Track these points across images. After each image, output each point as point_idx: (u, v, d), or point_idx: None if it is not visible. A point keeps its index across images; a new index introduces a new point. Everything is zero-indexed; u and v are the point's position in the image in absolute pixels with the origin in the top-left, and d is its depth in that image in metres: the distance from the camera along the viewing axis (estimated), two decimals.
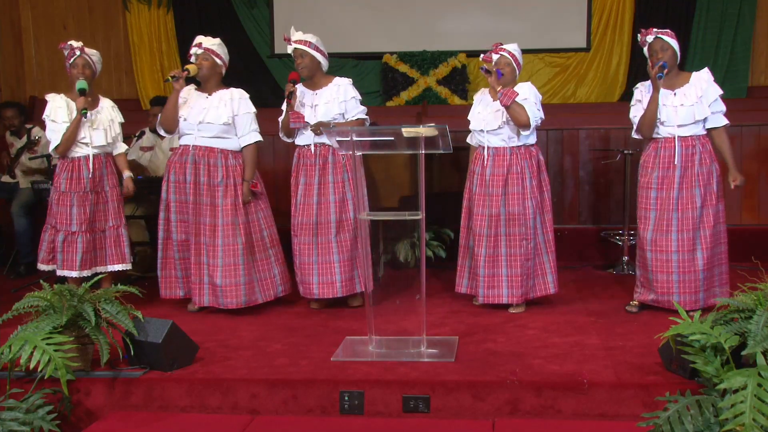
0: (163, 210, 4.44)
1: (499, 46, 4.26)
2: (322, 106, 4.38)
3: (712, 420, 2.70)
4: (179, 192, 4.38)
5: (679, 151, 4.09)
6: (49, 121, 4.37)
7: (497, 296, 4.31)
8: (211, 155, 4.35)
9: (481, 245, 4.30)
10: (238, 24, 7.77)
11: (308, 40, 4.39)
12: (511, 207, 4.26)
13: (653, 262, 4.14)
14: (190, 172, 4.34)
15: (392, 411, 3.18)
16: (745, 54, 7.15)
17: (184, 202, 4.39)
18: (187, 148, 4.37)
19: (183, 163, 4.36)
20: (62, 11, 7.99)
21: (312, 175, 4.40)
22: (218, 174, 4.34)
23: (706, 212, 4.08)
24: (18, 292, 5.02)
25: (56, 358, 3.10)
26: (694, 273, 4.07)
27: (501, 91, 4.15)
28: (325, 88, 4.43)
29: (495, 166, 4.28)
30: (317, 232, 4.39)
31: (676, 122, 4.08)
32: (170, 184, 4.39)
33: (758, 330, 2.77)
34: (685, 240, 4.07)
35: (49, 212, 4.46)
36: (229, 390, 3.28)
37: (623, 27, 7.35)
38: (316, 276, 4.39)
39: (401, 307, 4.48)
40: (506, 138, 4.27)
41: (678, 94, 4.10)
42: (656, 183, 4.14)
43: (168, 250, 4.46)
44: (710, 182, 4.10)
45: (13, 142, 6.04)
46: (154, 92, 7.44)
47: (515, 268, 4.27)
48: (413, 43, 7.59)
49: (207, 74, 4.39)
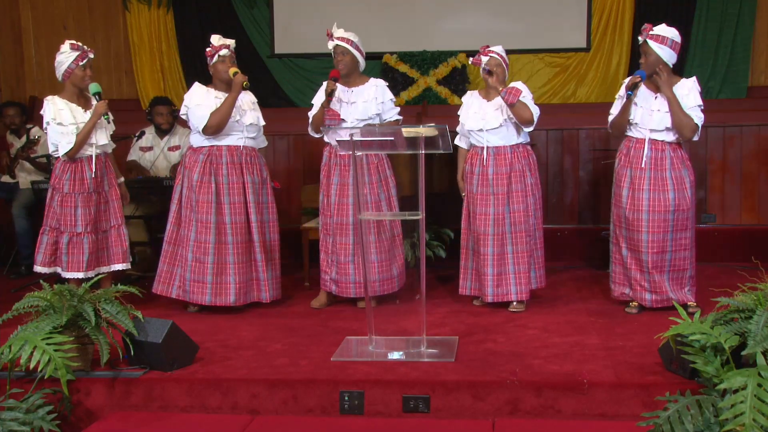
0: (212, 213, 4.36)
1: (488, 49, 4.29)
2: (360, 104, 4.41)
3: (712, 420, 2.70)
4: (233, 193, 4.39)
5: (647, 154, 4.11)
6: (54, 124, 4.27)
7: (506, 294, 4.33)
8: (254, 155, 4.51)
9: (488, 245, 4.30)
10: (238, 24, 7.75)
11: (350, 39, 4.42)
12: (516, 205, 4.29)
13: (628, 260, 4.19)
14: (238, 173, 4.41)
15: (392, 411, 3.18)
16: (745, 54, 7.14)
17: (237, 203, 4.40)
18: (237, 148, 4.41)
19: (239, 163, 4.41)
20: (62, 11, 7.98)
21: (346, 174, 4.41)
22: (263, 172, 4.53)
23: (678, 216, 4.10)
24: (18, 292, 5.02)
25: (56, 358, 3.10)
26: (660, 274, 4.12)
27: (505, 90, 4.16)
28: (363, 87, 4.46)
29: (497, 165, 4.29)
30: (355, 232, 4.39)
31: (649, 126, 4.11)
32: (222, 186, 4.37)
33: (758, 330, 2.77)
34: (656, 241, 4.10)
35: (48, 214, 4.41)
36: (229, 390, 3.28)
37: (623, 27, 7.34)
38: (353, 275, 4.41)
39: (401, 307, 4.49)
40: (505, 137, 4.28)
41: (659, 98, 4.10)
42: (628, 182, 4.18)
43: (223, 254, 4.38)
44: (683, 187, 4.11)
45: (13, 142, 6.04)
46: (154, 92, 7.43)
47: (522, 265, 4.30)
48: (413, 43, 7.59)
49: None
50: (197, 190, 4.37)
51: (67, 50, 4.35)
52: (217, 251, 4.37)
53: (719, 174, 5.93)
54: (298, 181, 6.24)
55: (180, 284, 4.47)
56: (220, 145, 4.40)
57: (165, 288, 4.50)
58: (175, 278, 4.49)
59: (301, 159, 6.31)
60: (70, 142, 4.27)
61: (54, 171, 4.41)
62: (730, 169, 5.93)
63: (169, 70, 7.82)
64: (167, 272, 4.50)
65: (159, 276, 4.52)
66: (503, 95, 4.17)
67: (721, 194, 5.91)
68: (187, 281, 4.42)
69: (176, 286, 4.48)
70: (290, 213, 6.05)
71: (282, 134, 6.22)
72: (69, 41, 4.39)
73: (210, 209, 4.36)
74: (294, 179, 6.27)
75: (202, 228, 4.37)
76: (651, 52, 4.05)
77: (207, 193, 4.36)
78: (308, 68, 7.66)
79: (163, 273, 4.51)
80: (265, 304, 4.51)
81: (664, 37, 4.05)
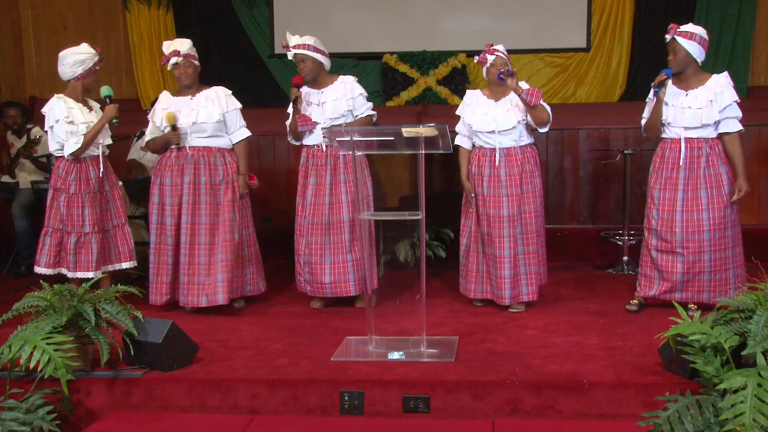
0: (156, 213, 4.43)
1: (493, 48, 4.28)
2: (330, 103, 4.38)
3: (712, 420, 2.70)
4: (174, 194, 4.38)
5: (684, 153, 4.07)
6: (66, 122, 4.25)
7: (519, 296, 4.32)
8: (210, 155, 4.39)
9: (503, 246, 4.25)
10: (238, 24, 7.76)
11: (307, 43, 4.37)
12: (527, 206, 4.29)
13: (659, 261, 4.15)
14: (189, 173, 4.35)
15: (392, 411, 3.18)
16: (745, 54, 7.15)
17: (177, 204, 4.38)
18: (183, 149, 4.38)
19: (180, 164, 4.37)
20: (62, 11, 7.98)
21: (323, 174, 4.41)
22: (219, 173, 4.39)
23: (713, 215, 4.05)
24: (18, 292, 5.02)
25: (56, 358, 3.10)
26: (699, 274, 4.08)
27: (525, 92, 4.15)
28: (331, 86, 4.43)
29: (509, 167, 4.27)
30: (329, 232, 4.38)
31: (683, 124, 4.06)
32: (165, 187, 4.39)
33: (758, 330, 2.77)
34: (690, 241, 4.06)
35: (50, 215, 4.41)
36: (229, 390, 3.28)
37: (623, 27, 7.35)
38: (328, 275, 4.39)
39: (401, 307, 4.49)
40: (518, 137, 4.28)
41: (690, 95, 4.06)
42: (660, 183, 4.15)
43: (161, 254, 4.45)
44: (719, 185, 4.06)
45: (13, 142, 6.04)
46: (154, 92, 7.44)
47: (533, 266, 4.31)
48: (413, 43, 7.59)
49: (192, 79, 4.47)
50: (151, 192, 4.47)
51: (88, 51, 4.34)
52: (156, 251, 4.45)
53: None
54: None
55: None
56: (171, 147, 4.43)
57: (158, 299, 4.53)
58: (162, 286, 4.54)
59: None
60: (78, 142, 4.27)
61: (56, 171, 4.39)
62: None
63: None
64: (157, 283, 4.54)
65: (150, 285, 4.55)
66: (525, 97, 4.14)
67: None
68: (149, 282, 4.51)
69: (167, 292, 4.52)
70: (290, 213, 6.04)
71: (282, 134, 6.21)
72: (85, 44, 4.36)
73: (153, 210, 4.45)
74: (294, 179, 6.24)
75: (153, 229, 4.47)
76: (680, 48, 4.02)
77: (153, 194, 4.44)
78: None
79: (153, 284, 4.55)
80: (265, 304, 4.52)
81: (693, 33, 4.01)
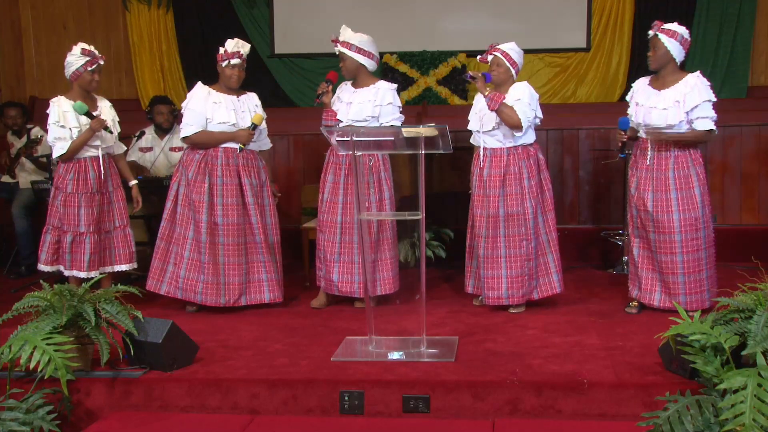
0: (204, 213, 4.36)
1: (494, 47, 4.26)
2: (356, 105, 4.37)
3: (712, 420, 2.70)
4: (228, 195, 4.38)
5: (650, 154, 4.09)
6: (57, 126, 4.28)
7: (498, 298, 4.30)
8: (254, 158, 4.50)
9: (480, 246, 4.31)
10: (238, 24, 7.75)
11: (350, 42, 4.36)
12: (510, 207, 4.24)
13: (639, 260, 4.18)
14: (244, 174, 4.42)
15: (392, 411, 3.18)
16: (745, 54, 7.14)
17: (230, 204, 4.39)
18: (233, 150, 4.39)
19: (236, 165, 4.40)
20: (62, 11, 7.98)
21: (339, 174, 4.43)
22: (261, 176, 4.50)
23: (684, 216, 4.04)
24: (18, 292, 5.02)
25: (56, 358, 3.10)
26: (672, 275, 4.08)
27: (488, 96, 4.13)
28: (366, 89, 4.41)
29: (492, 167, 4.27)
30: (342, 231, 4.40)
31: (650, 124, 4.06)
32: (216, 186, 4.37)
33: (758, 330, 2.77)
34: (662, 242, 4.07)
35: (50, 213, 4.44)
36: (229, 390, 3.28)
37: (623, 27, 7.34)
38: (336, 274, 4.43)
39: (401, 307, 4.49)
40: (501, 139, 4.26)
41: (661, 94, 4.05)
42: (635, 183, 4.17)
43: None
44: (689, 186, 4.05)
45: (13, 142, 6.04)
46: (154, 92, 7.43)
47: (516, 269, 4.26)
48: (413, 43, 7.59)
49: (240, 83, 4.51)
50: (192, 189, 4.39)
51: (77, 54, 4.34)
52: (209, 251, 4.38)
53: (719, 174, 5.92)
54: (298, 181, 6.24)
55: (172, 281, 4.47)
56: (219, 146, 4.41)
57: (155, 284, 4.50)
58: (165, 275, 4.49)
59: (301, 159, 6.31)
60: (64, 148, 4.30)
61: (57, 170, 4.43)
62: (730, 169, 5.92)
63: (169, 70, 7.82)
64: (158, 268, 4.51)
65: (150, 272, 4.52)
66: (487, 101, 4.14)
67: (721, 194, 5.91)
68: (182, 279, 4.43)
69: (167, 282, 4.48)
70: (290, 213, 6.05)
71: (282, 134, 6.21)
72: (81, 45, 4.36)
73: (202, 209, 4.37)
74: (294, 179, 6.27)
75: (198, 227, 4.39)
76: (660, 45, 4.02)
77: (200, 192, 4.38)
78: (308, 68, 7.66)
79: (154, 269, 4.51)
80: (266, 304, 4.51)
81: (675, 32, 4.02)
